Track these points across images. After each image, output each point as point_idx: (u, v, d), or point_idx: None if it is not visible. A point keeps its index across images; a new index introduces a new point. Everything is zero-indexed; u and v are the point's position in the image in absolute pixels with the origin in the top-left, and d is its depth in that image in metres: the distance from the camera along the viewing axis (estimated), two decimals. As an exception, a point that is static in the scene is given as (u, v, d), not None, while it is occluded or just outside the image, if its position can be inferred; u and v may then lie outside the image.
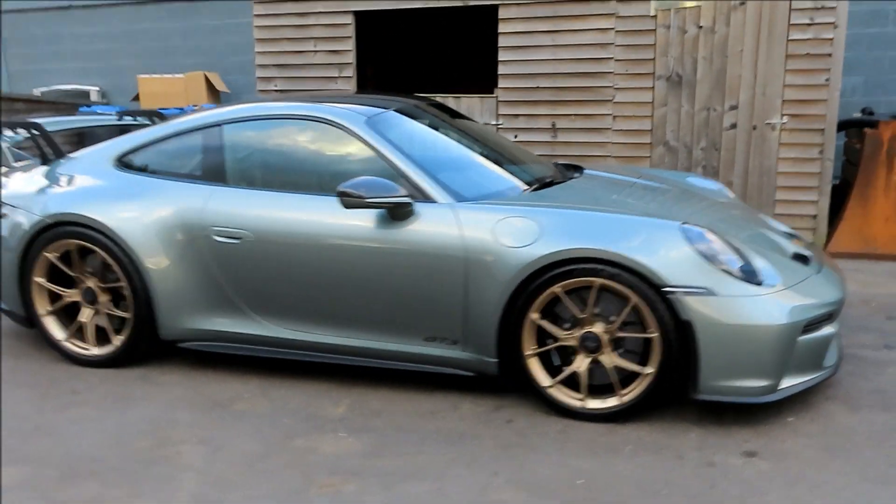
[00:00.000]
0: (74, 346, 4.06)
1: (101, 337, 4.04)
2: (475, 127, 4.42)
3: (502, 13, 6.44)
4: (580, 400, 3.31)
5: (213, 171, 3.87)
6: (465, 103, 6.68)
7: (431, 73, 9.85)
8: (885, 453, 3.01)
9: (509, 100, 6.58)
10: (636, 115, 6.29)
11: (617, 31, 6.19)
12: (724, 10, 5.90)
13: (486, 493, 2.79)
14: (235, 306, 3.77)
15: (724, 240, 3.24)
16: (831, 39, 5.73)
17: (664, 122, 6.26)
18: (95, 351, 4.02)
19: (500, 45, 6.53)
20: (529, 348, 3.32)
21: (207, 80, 10.74)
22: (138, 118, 5.58)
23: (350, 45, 6.93)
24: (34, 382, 3.86)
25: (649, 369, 3.18)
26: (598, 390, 3.32)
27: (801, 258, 3.54)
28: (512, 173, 3.89)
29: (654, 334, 3.13)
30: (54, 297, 4.08)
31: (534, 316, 3.27)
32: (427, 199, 3.47)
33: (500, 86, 6.61)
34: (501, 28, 6.48)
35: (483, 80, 9.09)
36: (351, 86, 7.00)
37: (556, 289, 3.20)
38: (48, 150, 4.37)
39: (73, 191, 3.99)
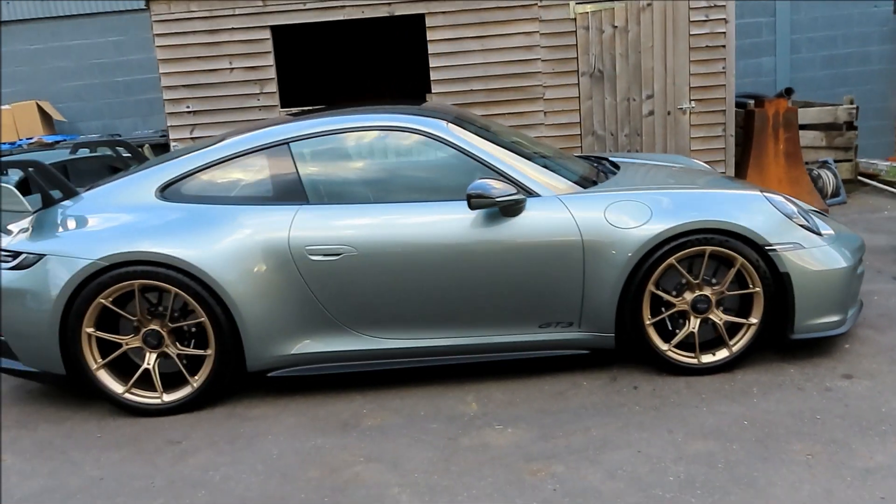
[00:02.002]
0: (139, 397, 3.69)
1: (166, 382, 3.71)
2: (505, 129, 4.61)
3: (429, 21, 6.65)
4: (694, 357, 3.68)
5: (289, 191, 3.72)
6: (400, 111, 6.78)
7: (361, 83, 9.71)
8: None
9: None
10: (565, 109, 6.81)
11: (541, 34, 6.66)
12: (635, 11, 6.60)
13: (681, 448, 3.06)
14: (333, 324, 3.67)
15: (791, 201, 3.78)
16: (724, 33, 6.65)
17: (591, 113, 6.85)
18: (168, 397, 3.68)
19: (430, 52, 6.72)
20: (648, 318, 3.63)
21: (40, 109, 9.72)
22: (98, 150, 5.03)
23: (270, 59, 6.73)
24: (115, 442, 3.47)
25: (754, 320, 3.64)
26: (691, 347, 3.69)
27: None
28: (568, 168, 4.15)
29: (758, 289, 3.58)
30: (105, 348, 3.68)
31: (651, 288, 3.58)
32: (530, 193, 3.64)
33: (433, 91, 6.80)
34: (430, 35, 6.68)
35: (413, 86, 9.20)
36: (274, 101, 6.80)
37: (672, 260, 3.55)
38: (53, 190, 3.90)
39: (123, 228, 3.62)
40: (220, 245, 3.57)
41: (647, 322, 3.63)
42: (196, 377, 3.67)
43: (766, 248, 3.53)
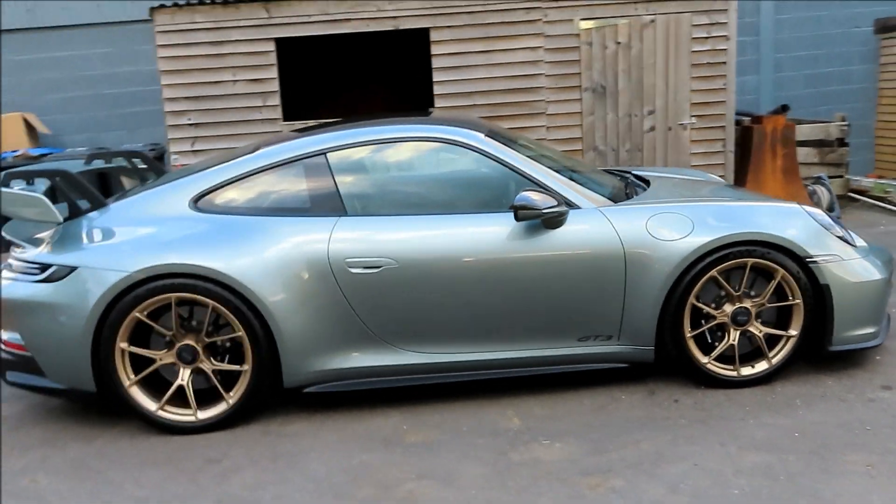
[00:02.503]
0: (172, 414, 3.58)
1: (198, 399, 3.60)
2: (534, 142, 4.59)
3: (434, 36, 6.64)
4: (734, 370, 3.69)
5: (326, 202, 3.65)
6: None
7: (364, 95, 9.61)
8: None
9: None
10: (567, 124, 6.85)
11: (545, 49, 6.70)
12: (638, 28, 6.68)
13: (737, 461, 3.05)
14: (372, 338, 3.60)
15: (827, 213, 3.83)
16: (725, 50, 6.77)
17: (593, 129, 6.90)
18: (202, 414, 3.57)
19: (434, 66, 6.71)
20: (688, 331, 3.63)
21: (26, 122, 9.49)
22: (114, 160, 4.88)
23: (273, 72, 6.66)
24: (152, 460, 3.35)
25: (793, 332, 3.66)
26: (730, 360, 3.71)
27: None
28: (600, 181, 4.13)
29: (798, 300, 3.61)
30: (137, 364, 3.56)
31: (693, 300, 3.59)
32: (571, 205, 3.63)
33: (436, 105, 6.79)
34: (434, 50, 6.68)
35: (418, 99, 9.14)
36: (276, 115, 6.72)
37: (714, 272, 3.56)
38: (81, 199, 3.79)
39: (159, 240, 3.52)
40: (259, 257, 3.49)
41: (688, 335, 3.63)
42: (231, 393, 3.57)
43: (808, 259, 3.56)
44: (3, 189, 3.58)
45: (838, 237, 3.69)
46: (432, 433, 3.47)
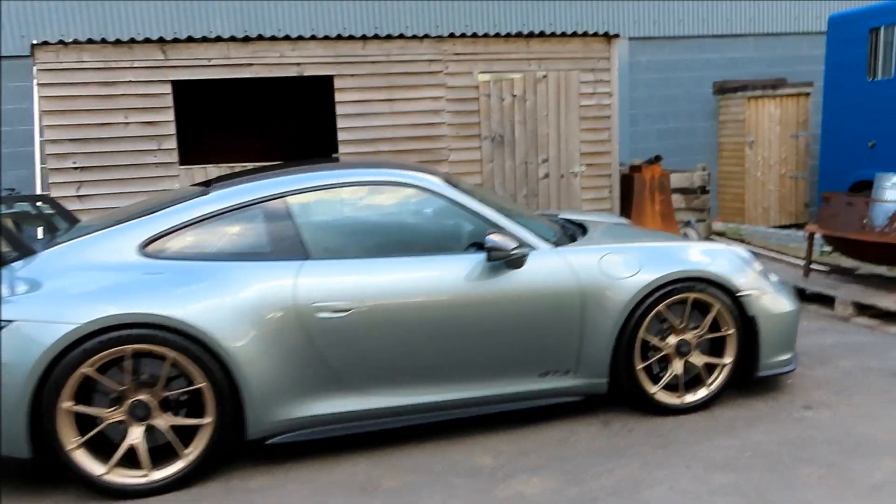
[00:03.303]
0: (124, 478, 3.28)
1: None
2: (478, 188, 4.68)
3: (338, 83, 6.66)
4: (679, 397, 3.94)
5: (288, 246, 3.56)
6: (308, 170, 6.67)
7: (264, 139, 9.22)
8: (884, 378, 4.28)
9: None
10: (468, 171, 7.06)
11: (447, 100, 6.92)
12: (532, 82, 7.06)
13: (707, 482, 3.25)
14: (338, 383, 3.51)
15: (748, 252, 4.22)
16: (609, 105, 7.30)
17: (492, 175, 7.15)
18: (157, 475, 3.31)
19: (338, 112, 6.72)
20: (639, 363, 3.85)
21: None
22: (15, 206, 4.41)
23: (169, 115, 6.37)
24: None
25: (727, 360, 3.98)
26: (674, 388, 3.96)
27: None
28: (545, 225, 4.28)
29: (732, 331, 3.94)
30: (82, 425, 3.25)
31: (643, 334, 3.82)
32: (529, 247, 3.77)
33: (341, 151, 6.78)
34: (338, 97, 6.69)
35: (320, 144, 8.91)
36: (172, 158, 6.41)
37: (661, 307, 3.82)
38: (5, 247, 3.45)
39: (108, 288, 3.27)
40: (221, 304, 3.33)
41: (639, 367, 3.84)
42: (189, 449, 3.34)
43: (738, 293, 3.90)
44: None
45: (759, 272, 4.07)
46: (407, 476, 3.42)
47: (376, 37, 6.62)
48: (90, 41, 6.11)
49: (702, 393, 3.97)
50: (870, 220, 5.53)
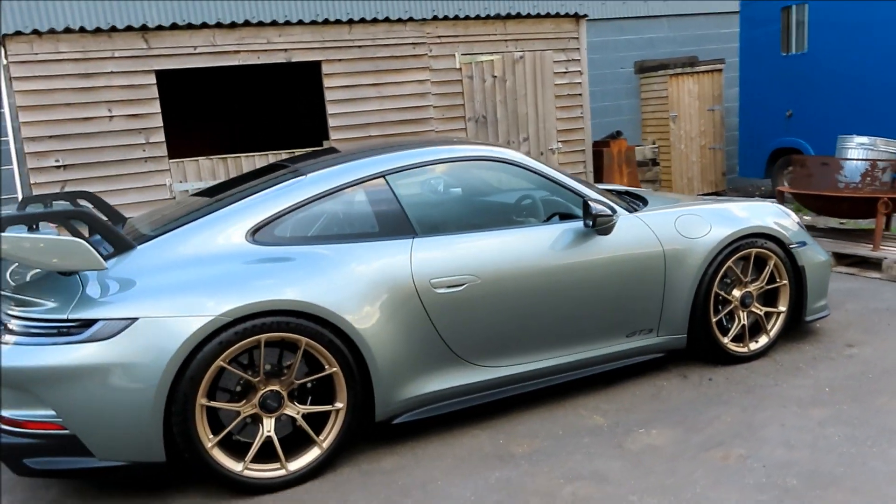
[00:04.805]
0: (262, 472, 3.20)
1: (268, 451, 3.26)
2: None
3: (326, 69, 6.56)
4: (746, 346, 4.25)
5: (395, 224, 3.55)
6: (301, 158, 6.54)
7: (256, 130, 8.77)
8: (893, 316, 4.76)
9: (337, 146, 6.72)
10: (455, 153, 7.13)
11: (432, 83, 6.96)
12: (510, 63, 7.22)
13: (809, 416, 3.55)
14: (452, 358, 3.56)
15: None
16: (580, 83, 7.58)
17: (477, 157, 7.27)
18: (293, 465, 3.25)
19: (327, 98, 6.62)
20: (713, 317, 4.12)
21: None
22: (52, 204, 4.08)
23: (156, 106, 6.06)
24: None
25: (782, 308, 4.32)
26: (739, 339, 4.27)
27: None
28: (608, 194, 4.45)
29: (785, 281, 4.29)
30: (216, 421, 3.15)
31: (716, 289, 4.09)
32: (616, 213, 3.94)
33: (332, 137, 6.68)
34: (327, 83, 6.59)
35: (309, 134, 8.58)
36: (161, 152, 6.11)
37: (731, 263, 4.10)
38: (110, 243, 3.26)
39: (231, 278, 3.16)
40: (347, 287, 3.30)
41: (714, 319, 4.11)
42: (322, 436, 3.30)
43: (791, 246, 4.25)
44: (31, 235, 2.97)
45: (799, 225, 4.44)
46: (534, 442, 3.52)
47: (362, 21, 6.56)
48: (67, 30, 5.71)
49: (763, 340, 4.30)
50: (844, 178, 6.09)
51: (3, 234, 2.92)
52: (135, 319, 2.99)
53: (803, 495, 2.88)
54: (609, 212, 3.72)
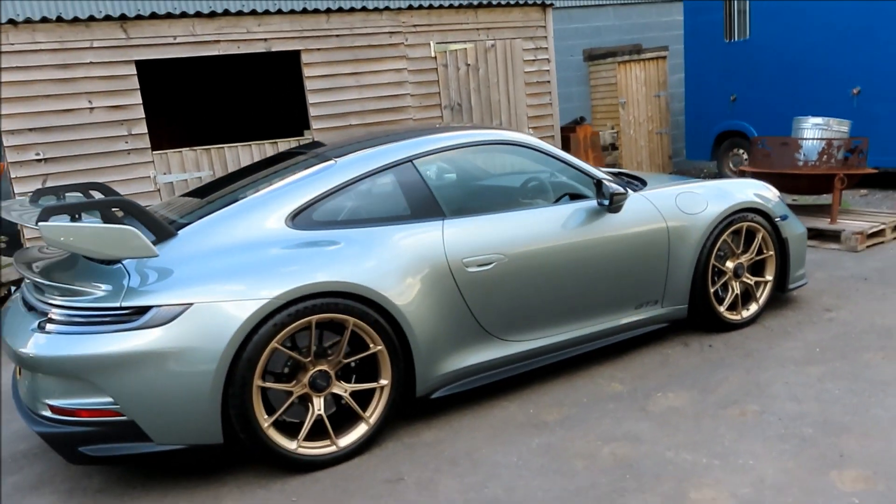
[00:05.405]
0: (314, 449, 3.31)
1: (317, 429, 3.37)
2: None
3: (305, 58, 6.59)
4: (738, 314, 4.56)
5: (425, 207, 3.69)
6: (283, 147, 6.56)
7: (235, 120, 8.60)
8: (858, 282, 5.16)
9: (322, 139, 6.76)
10: (432, 140, 7.27)
11: (409, 71, 7.06)
12: (483, 51, 7.39)
13: (807, 374, 3.88)
14: (481, 334, 3.74)
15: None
16: (548, 70, 7.81)
17: (453, 144, 7.43)
18: (343, 442, 3.37)
19: (307, 87, 6.65)
20: (711, 287, 4.41)
21: None
22: (65, 196, 4.02)
23: (137, 97, 5.98)
24: (328, 499, 3.10)
25: (768, 277, 4.66)
26: (732, 307, 4.58)
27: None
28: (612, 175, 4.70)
29: (771, 252, 4.62)
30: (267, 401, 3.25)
31: (713, 261, 4.38)
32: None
33: (313, 127, 6.72)
34: (307, 72, 6.62)
35: (289, 122, 8.47)
36: (144, 143, 6.05)
37: (726, 236, 4.39)
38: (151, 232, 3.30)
39: (278, 262, 3.24)
40: (389, 268, 3.43)
41: (711, 290, 4.41)
42: (368, 413, 3.43)
43: (776, 219, 4.58)
44: (84, 223, 3.00)
45: (781, 201, 4.78)
46: (562, 410, 3.73)
47: (340, 10, 6.62)
48: (44, 20, 5.58)
49: (753, 308, 4.62)
50: (803, 157, 6.51)
51: (57, 223, 2.94)
52: (189, 305, 3.05)
53: (821, 441, 3.18)
54: (622, 190, 3.94)
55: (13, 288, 6.06)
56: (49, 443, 3.11)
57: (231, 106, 9.33)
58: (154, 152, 6.09)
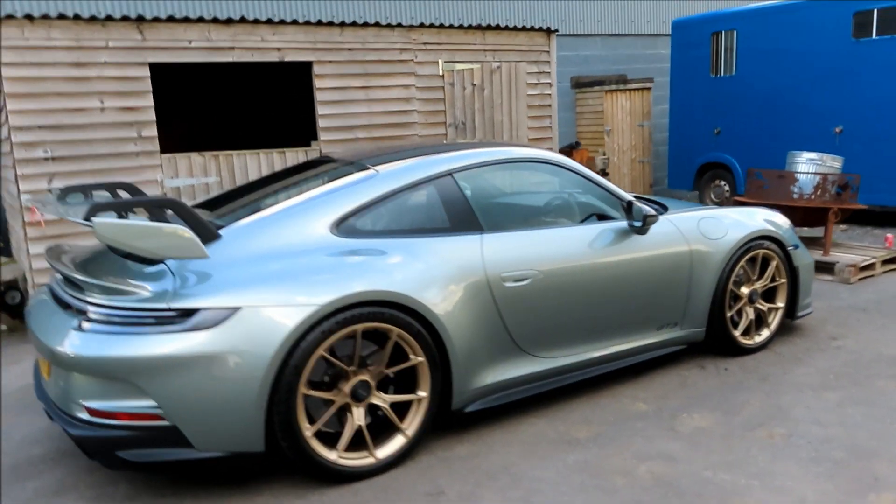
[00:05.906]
0: (353, 460, 3.29)
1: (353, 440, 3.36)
2: None
3: (317, 70, 6.59)
4: (753, 339, 4.66)
5: (463, 220, 3.72)
6: (290, 157, 6.54)
7: (245, 128, 8.50)
8: (858, 312, 5.32)
9: (332, 151, 6.75)
10: (435, 158, 7.32)
11: (417, 88, 7.11)
12: (488, 72, 7.48)
13: (825, 399, 3.98)
14: (513, 349, 3.76)
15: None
16: (550, 94, 7.93)
17: (456, 162, 7.48)
18: (381, 454, 3.35)
19: (317, 99, 6.64)
20: (728, 311, 4.50)
21: None
22: (91, 194, 3.93)
23: (149, 100, 5.91)
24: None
25: (780, 304, 4.78)
26: (746, 332, 4.68)
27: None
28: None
29: (784, 280, 4.74)
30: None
31: (731, 286, 4.48)
32: (651, 215, 4.26)
33: (321, 138, 6.71)
34: (318, 84, 6.62)
35: (296, 133, 8.41)
36: (153, 146, 5.97)
37: (743, 262, 4.50)
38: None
39: (326, 269, 3.23)
40: (432, 279, 3.44)
41: (728, 314, 4.50)
42: (405, 424, 3.42)
43: (789, 248, 4.71)
44: (132, 221, 2.96)
45: (792, 230, 4.92)
46: (591, 427, 3.77)
47: (354, 24, 6.65)
48: (61, 16, 5.50)
49: (765, 334, 4.73)
50: (798, 190, 6.71)
51: (111, 220, 2.90)
52: (237, 309, 3.03)
53: (853, 465, 3.26)
54: (654, 213, 4.02)
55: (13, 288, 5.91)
56: (84, 446, 3.03)
57: (238, 112, 9.27)
58: (162, 155, 6.01)
